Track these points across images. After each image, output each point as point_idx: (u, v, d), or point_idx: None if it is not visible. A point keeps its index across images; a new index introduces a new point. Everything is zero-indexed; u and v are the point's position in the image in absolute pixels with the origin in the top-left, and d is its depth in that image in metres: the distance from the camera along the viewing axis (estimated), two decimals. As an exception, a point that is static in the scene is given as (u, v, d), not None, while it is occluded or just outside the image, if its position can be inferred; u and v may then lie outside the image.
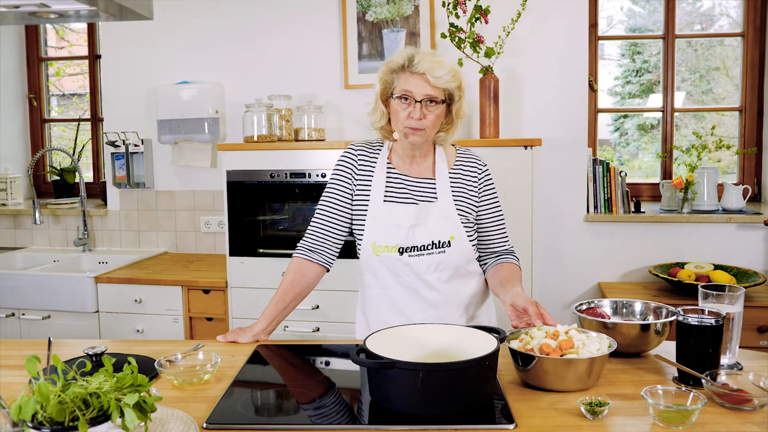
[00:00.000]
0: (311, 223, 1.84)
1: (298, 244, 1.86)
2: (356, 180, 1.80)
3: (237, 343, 1.75)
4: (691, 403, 1.22)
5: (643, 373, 1.47)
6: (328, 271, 1.85)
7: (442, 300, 1.75)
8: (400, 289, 1.76)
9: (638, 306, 1.70)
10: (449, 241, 1.73)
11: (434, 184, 1.77)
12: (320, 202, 1.84)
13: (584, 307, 1.70)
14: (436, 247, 1.73)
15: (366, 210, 1.77)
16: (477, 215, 1.82)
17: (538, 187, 3.06)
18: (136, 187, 3.57)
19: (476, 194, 1.81)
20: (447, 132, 1.77)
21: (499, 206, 1.85)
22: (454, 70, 1.69)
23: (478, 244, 1.86)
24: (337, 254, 1.86)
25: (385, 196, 1.76)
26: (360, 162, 1.81)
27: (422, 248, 1.73)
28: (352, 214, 1.82)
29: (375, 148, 1.83)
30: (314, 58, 3.32)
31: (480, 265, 1.86)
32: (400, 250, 1.73)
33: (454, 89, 1.70)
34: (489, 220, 1.83)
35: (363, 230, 1.77)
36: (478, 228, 1.84)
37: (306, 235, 1.85)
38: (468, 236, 1.77)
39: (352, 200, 1.81)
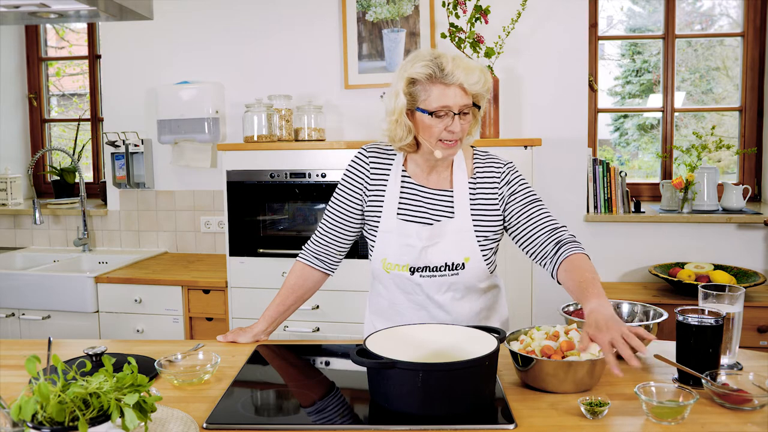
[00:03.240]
0: (318, 228, 1.79)
1: (303, 247, 1.83)
2: (369, 188, 1.71)
3: (237, 343, 1.75)
4: (683, 399, 1.22)
5: (643, 373, 1.47)
6: (331, 275, 1.83)
7: (451, 318, 1.69)
8: (408, 305, 1.70)
9: (626, 307, 1.70)
10: (463, 263, 1.64)
11: (452, 197, 1.66)
12: (328, 209, 1.77)
13: (571, 308, 1.69)
14: (449, 269, 1.64)
15: (378, 220, 1.69)
16: (512, 217, 1.66)
17: (538, 187, 3.05)
18: (136, 187, 3.57)
19: (498, 204, 1.67)
20: (470, 134, 1.65)
21: (534, 197, 1.67)
22: (483, 72, 1.57)
23: (527, 242, 1.65)
24: (341, 260, 1.83)
25: (398, 209, 1.66)
26: (373, 168, 1.71)
27: (434, 269, 1.64)
28: (362, 221, 1.75)
29: (389, 153, 1.72)
30: (314, 58, 3.32)
31: (542, 263, 1.64)
32: (411, 269, 1.65)
33: (484, 92, 1.58)
34: (526, 216, 1.65)
35: (374, 242, 1.70)
36: (519, 228, 1.65)
37: (312, 239, 1.80)
38: (484, 256, 1.65)
39: (364, 208, 1.73)
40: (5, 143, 3.92)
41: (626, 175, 3.17)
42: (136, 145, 3.51)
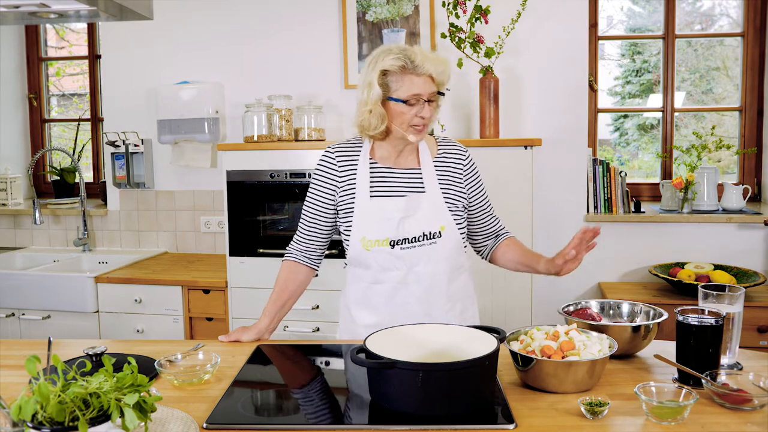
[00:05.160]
0: (298, 230, 1.88)
1: (287, 248, 1.91)
2: (339, 183, 1.79)
3: (239, 342, 1.76)
4: (683, 399, 1.22)
5: (643, 373, 1.47)
6: (316, 273, 1.91)
7: (432, 294, 1.75)
8: (389, 283, 1.75)
9: (626, 307, 1.70)
10: (440, 232, 1.74)
11: (420, 174, 1.77)
12: (303, 210, 1.86)
13: (571, 308, 1.69)
14: (427, 238, 1.73)
15: (353, 207, 1.76)
16: (468, 202, 1.83)
17: (538, 187, 3.06)
18: (136, 187, 3.57)
19: (462, 182, 1.82)
20: (433, 119, 1.79)
21: (485, 190, 1.88)
22: (447, 62, 1.72)
23: (473, 230, 1.89)
24: (323, 254, 1.91)
25: (371, 191, 1.75)
26: (340, 163, 1.80)
27: (413, 240, 1.72)
28: (337, 216, 1.82)
29: (354, 146, 1.82)
30: (314, 58, 3.32)
31: (478, 249, 1.94)
32: (392, 243, 1.72)
33: (446, 81, 1.74)
34: (480, 205, 1.86)
35: (351, 227, 1.76)
36: (471, 215, 1.86)
37: (294, 240, 1.89)
38: (457, 225, 1.77)
39: (337, 203, 1.80)
40: (5, 143, 3.92)
41: (626, 175, 3.17)
42: (136, 145, 3.51)
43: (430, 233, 1.73)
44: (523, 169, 2.73)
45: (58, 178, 3.92)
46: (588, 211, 3.19)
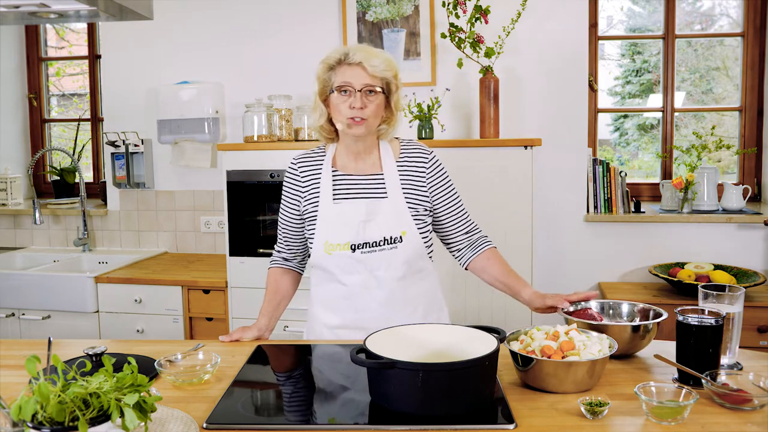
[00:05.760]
0: (277, 239, 1.92)
1: (270, 258, 1.95)
2: (303, 192, 1.81)
3: (240, 341, 1.76)
4: (683, 399, 1.22)
5: (643, 373, 1.47)
6: (300, 275, 1.96)
7: (393, 298, 1.75)
8: (351, 287, 1.76)
9: (625, 307, 1.70)
10: (401, 237, 1.73)
11: (382, 179, 1.77)
12: (278, 221, 1.90)
13: (571, 308, 1.69)
14: (387, 243, 1.73)
15: (316, 214, 1.77)
16: (434, 205, 1.81)
17: (538, 187, 3.05)
18: (136, 187, 3.57)
19: (425, 184, 1.79)
20: (389, 124, 1.78)
21: (455, 191, 1.84)
22: (388, 60, 1.73)
23: (445, 234, 1.87)
24: (306, 258, 1.94)
25: (334, 196, 1.77)
26: (303, 173, 1.82)
27: (374, 244, 1.72)
28: (304, 224, 1.84)
29: (318, 154, 1.84)
30: (314, 58, 3.26)
31: (455, 255, 1.90)
32: (352, 247, 1.72)
33: (391, 78, 1.73)
34: (448, 208, 1.83)
35: (314, 232, 1.77)
36: (439, 218, 1.84)
37: (275, 249, 1.94)
38: (419, 230, 1.76)
39: (302, 212, 1.82)
40: (5, 143, 3.91)
41: (626, 175, 3.17)
42: (136, 145, 3.51)
43: (391, 238, 1.73)
44: (523, 169, 2.73)
45: (58, 178, 3.92)
46: (588, 211, 3.19)
